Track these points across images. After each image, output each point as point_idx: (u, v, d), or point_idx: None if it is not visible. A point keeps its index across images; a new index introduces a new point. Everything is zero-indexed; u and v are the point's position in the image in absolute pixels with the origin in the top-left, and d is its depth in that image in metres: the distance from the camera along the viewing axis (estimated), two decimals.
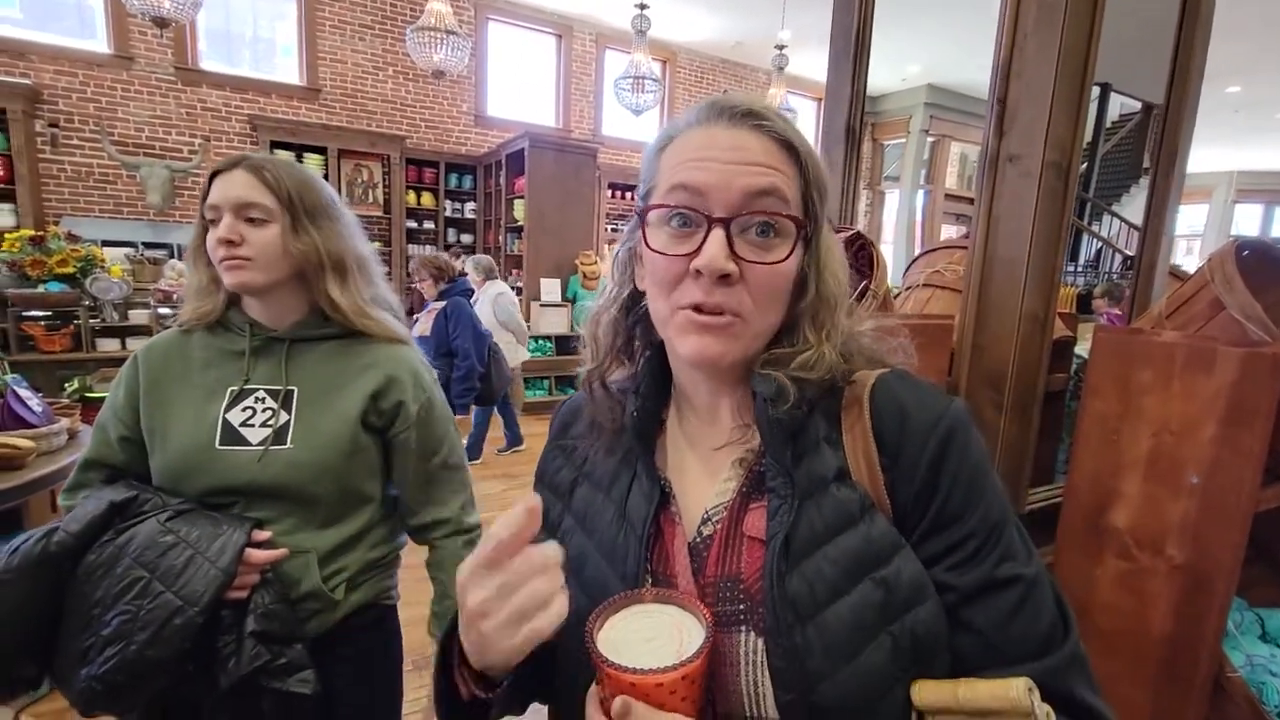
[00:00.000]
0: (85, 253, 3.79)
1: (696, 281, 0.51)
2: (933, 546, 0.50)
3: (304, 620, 0.96)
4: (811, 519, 0.50)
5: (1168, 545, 1.00)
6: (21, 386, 2.11)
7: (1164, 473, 1.01)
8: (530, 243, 6.16)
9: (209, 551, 0.86)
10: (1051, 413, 1.38)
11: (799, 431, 0.53)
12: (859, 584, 0.48)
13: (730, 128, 0.52)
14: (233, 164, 0.96)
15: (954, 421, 0.51)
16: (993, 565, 0.49)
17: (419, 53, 5.07)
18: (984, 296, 1.24)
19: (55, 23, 5.64)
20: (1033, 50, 1.17)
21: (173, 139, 6.03)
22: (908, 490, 0.51)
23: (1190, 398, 0.97)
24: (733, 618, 0.50)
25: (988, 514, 0.50)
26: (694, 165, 0.52)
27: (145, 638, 0.80)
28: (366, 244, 1.09)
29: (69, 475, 1.01)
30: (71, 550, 0.86)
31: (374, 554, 1.05)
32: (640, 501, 0.57)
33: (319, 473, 0.96)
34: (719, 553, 0.53)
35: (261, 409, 0.96)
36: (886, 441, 0.52)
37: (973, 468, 0.51)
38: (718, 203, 0.50)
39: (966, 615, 0.49)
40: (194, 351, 1.01)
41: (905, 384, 0.55)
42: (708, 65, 8.80)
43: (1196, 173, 10.72)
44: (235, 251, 0.93)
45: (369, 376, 1.01)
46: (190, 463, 0.94)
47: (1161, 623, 1.01)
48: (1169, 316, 1.17)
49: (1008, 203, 1.20)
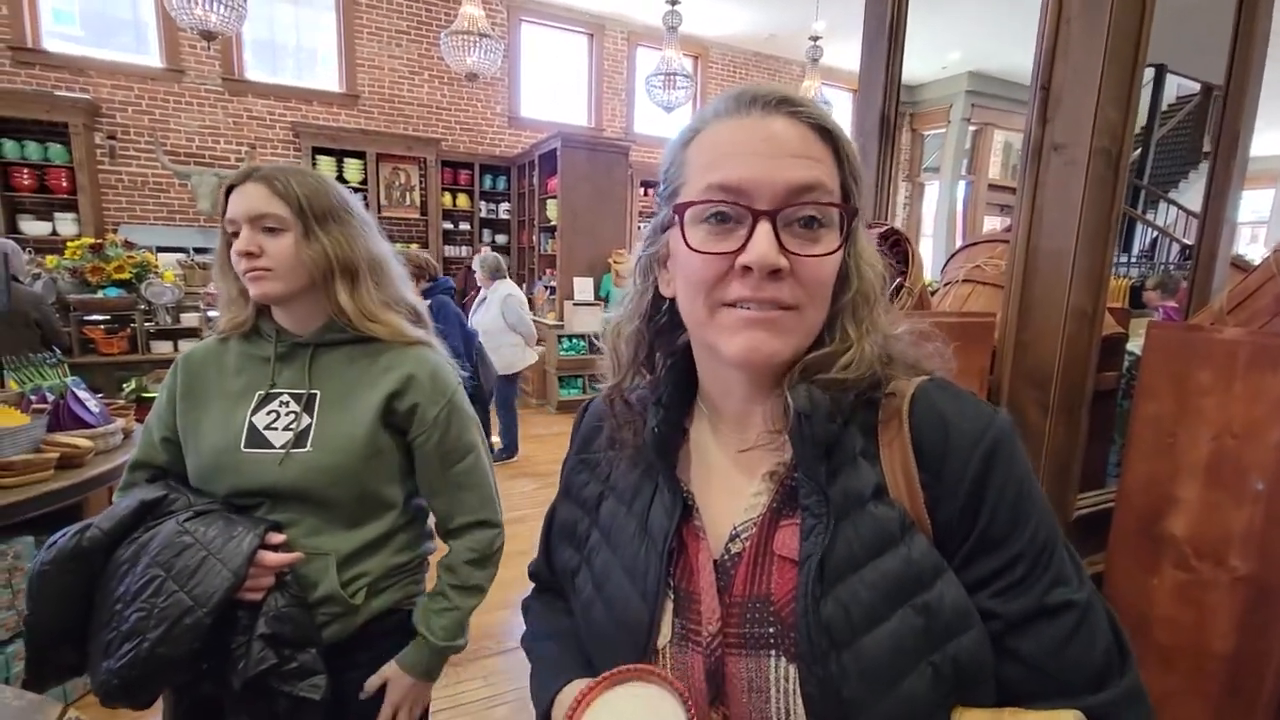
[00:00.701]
0: (140, 259, 3.97)
1: (743, 279, 0.48)
2: (977, 570, 0.48)
3: (322, 625, 0.96)
4: (848, 539, 0.47)
5: (1230, 555, 0.94)
6: (80, 388, 2.21)
7: (1226, 478, 0.95)
8: (563, 242, 6.19)
9: (221, 553, 0.87)
10: (1101, 413, 1.32)
11: (834, 445, 0.50)
12: (898, 609, 0.45)
13: (764, 117, 0.49)
14: (244, 177, 0.97)
15: (999, 435, 0.49)
16: (1043, 591, 0.46)
17: (453, 56, 5.14)
18: (1027, 292, 1.18)
19: (112, 39, 5.91)
20: (1079, 32, 1.11)
21: (221, 147, 6.27)
22: (950, 509, 0.48)
23: (1255, 399, 0.91)
24: (762, 641, 0.48)
25: (1036, 535, 0.47)
26: (731, 160, 0.49)
27: (157, 635, 0.82)
28: (382, 244, 1.08)
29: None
30: (102, 546, 0.89)
31: (398, 559, 1.05)
32: (661, 515, 0.55)
33: (337, 475, 0.96)
34: (748, 571, 0.51)
35: (285, 412, 0.98)
36: (927, 456, 0.49)
37: (1019, 485, 0.48)
38: (761, 197, 0.48)
39: (1014, 644, 0.46)
40: (228, 358, 1.04)
41: (946, 395, 0.52)
42: (740, 59, 8.70)
43: (1262, 156, 10.11)
44: (256, 263, 0.95)
45: (387, 379, 1.01)
46: (218, 464, 0.96)
47: (1223, 638, 0.95)
48: (1231, 311, 1.10)
49: (1052, 193, 1.15)
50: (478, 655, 2.36)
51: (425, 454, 1.04)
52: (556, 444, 5.02)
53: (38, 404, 2.04)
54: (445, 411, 1.04)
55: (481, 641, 2.46)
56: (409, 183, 6.94)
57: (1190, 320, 1.34)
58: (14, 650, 1.83)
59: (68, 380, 2.23)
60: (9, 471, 1.75)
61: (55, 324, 3.24)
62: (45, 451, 1.88)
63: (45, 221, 5.46)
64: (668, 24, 5.41)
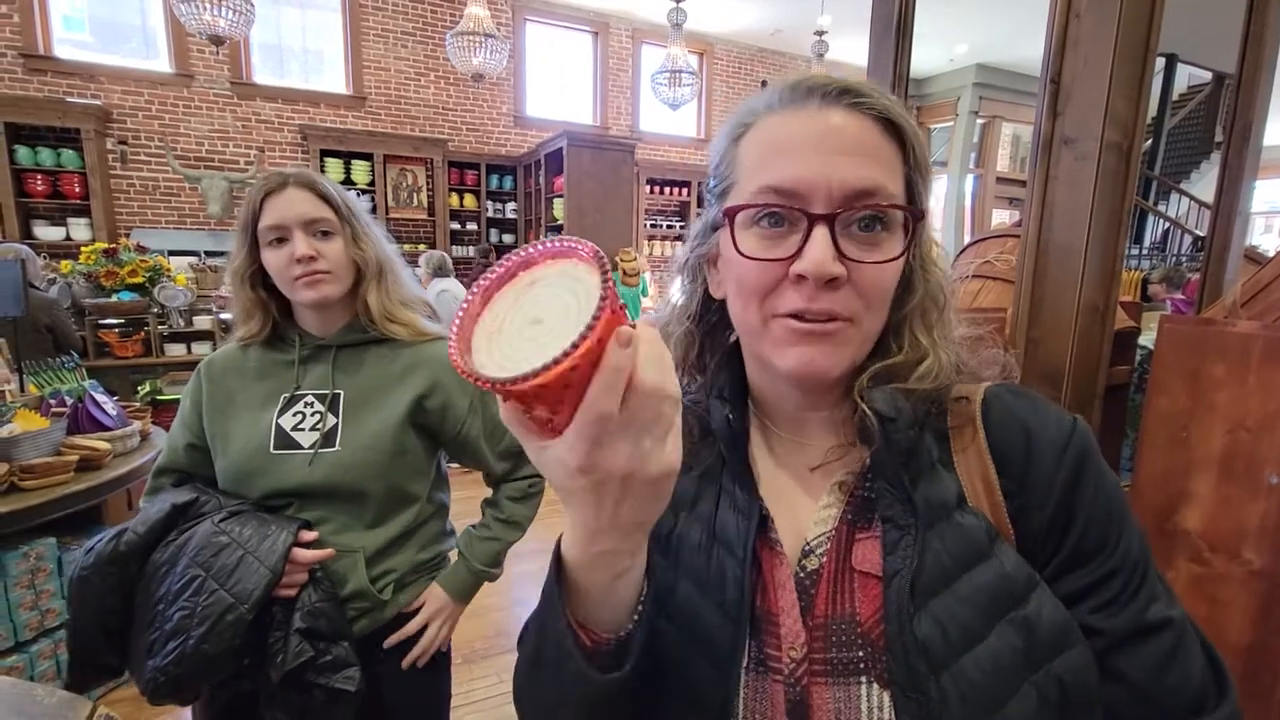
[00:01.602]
0: (153, 263, 4.02)
1: (797, 287, 0.45)
2: (1070, 584, 0.45)
3: (353, 619, 0.99)
4: (937, 552, 0.44)
5: (1244, 549, 0.94)
6: (98, 391, 2.24)
7: (1240, 472, 0.95)
8: None
9: (259, 551, 0.89)
10: (1113, 408, 1.31)
11: (912, 453, 0.47)
12: (996, 626, 0.42)
13: (822, 109, 0.45)
14: (282, 183, 0.97)
15: (1085, 443, 0.46)
16: (1141, 607, 0.44)
17: (459, 57, 5.15)
18: (1038, 287, 1.18)
19: (122, 45, 5.97)
20: (1089, 25, 1.11)
21: (230, 151, 6.31)
22: (1038, 519, 0.45)
23: (1269, 393, 0.91)
24: (850, 666, 0.44)
25: (1130, 549, 0.45)
26: (784, 159, 0.45)
27: (201, 633, 0.85)
28: (391, 244, 1.11)
29: (143, 473, 1.08)
30: (139, 549, 0.92)
31: (423, 555, 1.08)
32: (735, 520, 0.50)
33: (365, 472, 0.99)
34: (829, 590, 0.47)
35: (311, 413, 1.00)
36: (1009, 464, 0.46)
37: (1109, 496, 0.46)
38: (817, 199, 0.44)
39: (1116, 663, 0.44)
40: (250, 364, 1.06)
41: (1022, 399, 0.49)
42: (745, 55, 8.66)
43: (1275, 145, 9.99)
44: (315, 266, 0.96)
45: (415, 378, 1.03)
46: (249, 467, 0.99)
47: (1238, 632, 0.95)
48: (1245, 304, 1.09)
49: (1063, 187, 1.14)
50: (490, 652, 2.38)
51: (470, 441, 1.08)
52: None
53: (57, 407, 2.07)
54: (476, 396, 1.07)
55: (495, 639, 2.48)
56: (416, 183, 6.96)
57: (1203, 313, 1.33)
58: (37, 650, 1.87)
59: (85, 384, 2.26)
60: (30, 474, 1.78)
61: (68, 328, 3.29)
62: (65, 454, 1.91)
63: (59, 227, 5.52)
64: (673, 21, 5.40)
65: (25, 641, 1.85)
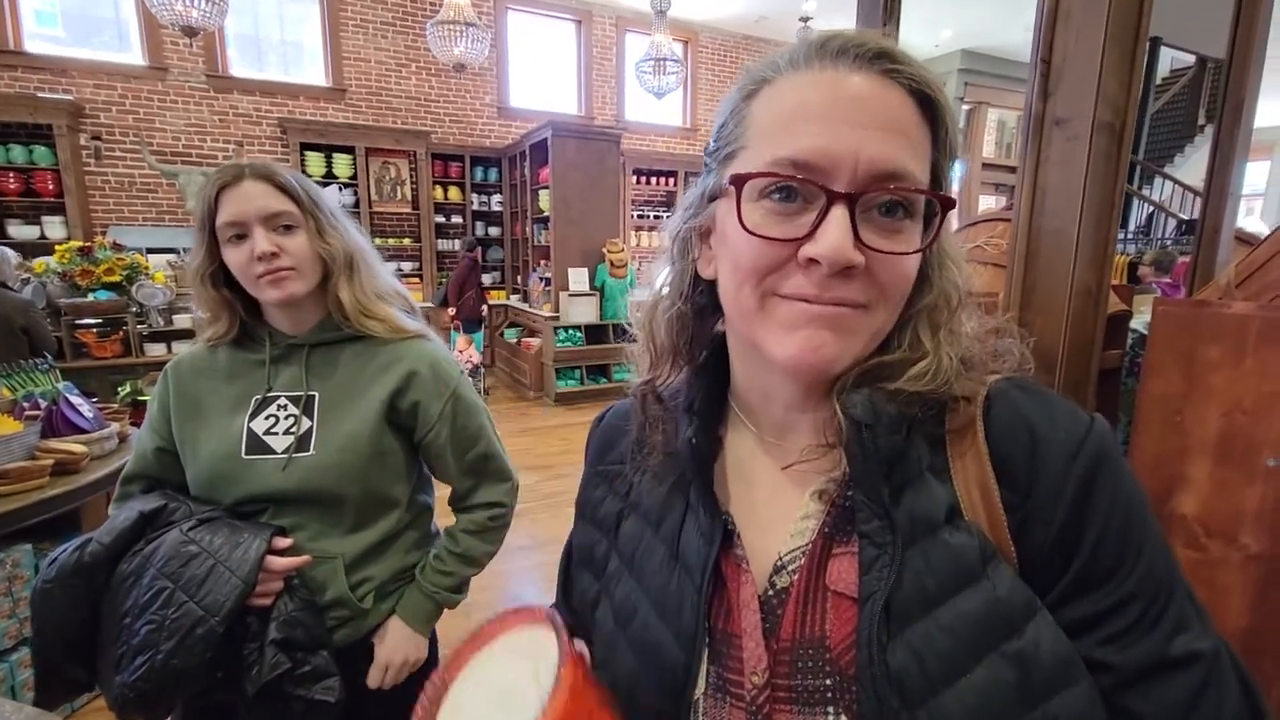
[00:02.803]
0: (130, 261, 3.93)
1: (807, 272, 0.40)
2: (1078, 610, 0.39)
3: (333, 628, 0.95)
4: (918, 573, 0.40)
5: (1241, 533, 0.93)
6: (73, 393, 2.19)
7: (1237, 456, 0.94)
8: (556, 233, 6.15)
9: (230, 560, 0.86)
10: (1106, 392, 1.30)
11: (897, 459, 0.42)
12: (984, 659, 0.38)
13: (853, 73, 0.39)
14: (238, 175, 0.91)
15: (1101, 447, 0.40)
16: (1164, 638, 0.38)
17: (440, 47, 5.08)
18: (1030, 271, 1.16)
19: (94, 38, 5.82)
20: (1080, 3, 1.08)
21: (208, 145, 6.19)
22: (1042, 535, 0.40)
23: (1266, 374, 0.90)
24: (816, 695, 0.41)
25: (1152, 569, 0.39)
26: (807, 126, 0.39)
27: (170, 647, 0.81)
28: (363, 235, 1.05)
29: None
30: (104, 560, 0.87)
31: (405, 561, 1.04)
32: (697, 542, 0.47)
33: (341, 476, 0.95)
34: (797, 610, 0.43)
35: (284, 416, 0.96)
36: (1011, 472, 0.41)
37: (1127, 507, 0.40)
38: (840, 176, 0.39)
39: (1128, 702, 0.39)
40: (220, 364, 1.01)
41: (1030, 396, 0.43)
42: (730, 43, 8.61)
43: (1257, 128, 10.07)
44: (278, 264, 0.90)
45: (388, 376, 0.99)
46: (219, 472, 0.95)
47: (1236, 617, 0.94)
48: (1239, 285, 1.08)
49: (1055, 169, 1.13)
50: None
51: (436, 448, 1.03)
52: (555, 436, 5.02)
53: (30, 411, 2.02)
54: (449, 404, 1.02)
55: None
56: (399, 177, 6.87)
57: (1196, 295, 1.33)
58: (17, 659, 1.82)
59: (60, 386, 2.20)
60: (4, 479, 1.73)
61: (44, 330, 3.21)
62: (40, 458, 1.86)
63: (33, 225, 5.41)
64: (656, 8, 5.35)
65: (4, 650, 1.81)
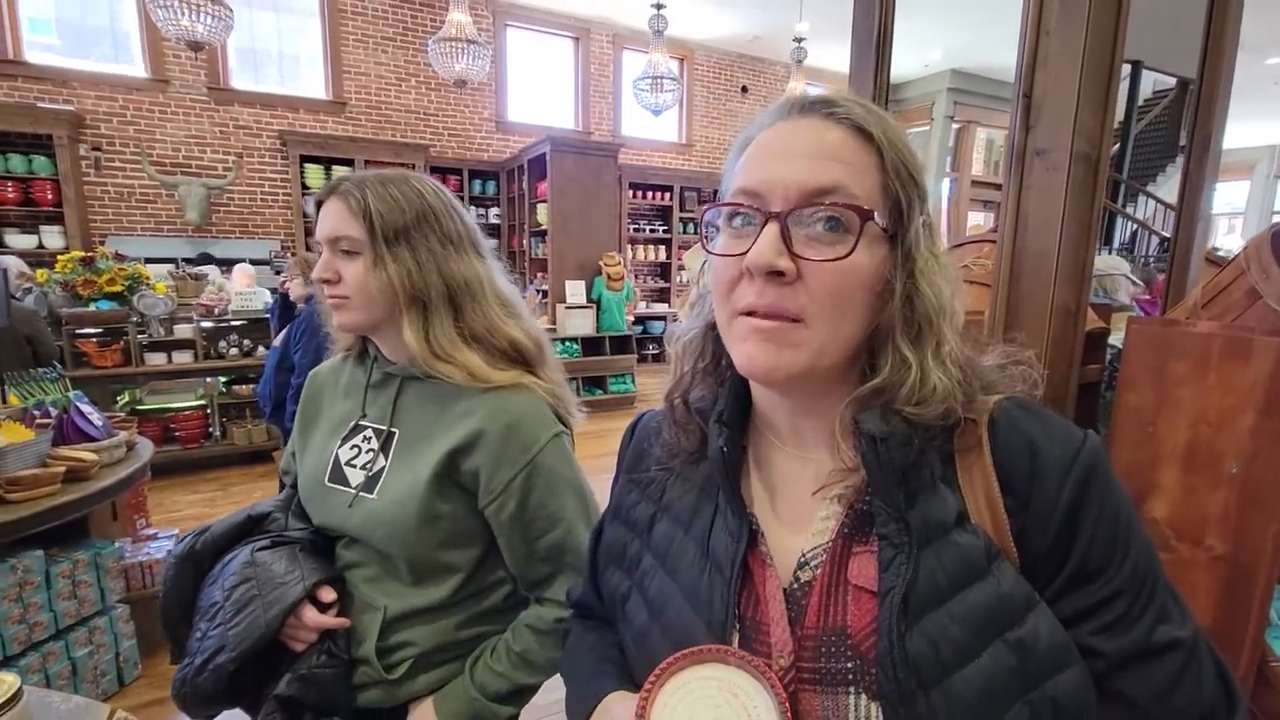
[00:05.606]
0: (131, 271, 3.96)
1: (750, 283, 0.46)
2: (1072, 604, 0.45)
3: (362, 686, 0.85)
4: (932, 570, 0.44)
5: (1207, 536, 1.00)
6: (83, 402, 2.22)
7: (1202, 464, 1.01)
8: (554, 246, 6.22)
9: (268, 598, 0.81)
10: (1086, 405, 1.38)
11: (911, 470, 0.47)
12: (989, 645, 0.43)
13: (798, 118, 0.48)
14: (330, 190, 0.87)
15: (1093, 459, 0.46)
16: (1148, 628, 0.44)
17: (441, 63, 5.16)
18: (1014, 291, 1.24)
19: (93, 49, 5.86)
20: (1058, 42, 1.17)
21: (208, 157, 6.24)
22: (1041, 539, 0.45)
23: (1227, 389, 0.97)
24: (839, 676, 0.45)
25: (1137, 566, 0.45)
26: (755, 163, 0.48)
27: (195, 666, 0.81)
28: (474, 265, 0.91)
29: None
30: (211, 552, 0.90)
31: (457, 635, 0.90)
32: (725, 540, 0.52)
33: (391, 532, 0.86)
34: (821, 602, 0.48)
35: (366, 449, 0.91)
36: (1014, 482, 0.46)
37: (1115, 513, 0.45)
38: (774, 198, 0.46)
39: (1117, 685, 0.44)
40: (342, 379, 0.99)
41: (1030, 415, 0.48)
42: (725, 61, 8.77)
43: (1236, 148, 10.32)
44: (333, 290, 0.86)
45: (456, 430, 0.86)
46: (308, 493, 0.94)
47: (1202, 614, 1.01)
48: (1205, 306, 1.16)
49: (1036, 196, 1.20)
50: None
51: (499, 523, 0.87)
52: None
53: (41, 419, 2.05)
54: (524, 475, 0.85)
55: None
56: None
57: (1168, 314, 1.41)
58: (27, 664, 1.85)
59: (70, 394, 2.24)
60: (17, 486, 1.76)
61: (47, 339, 3.23)
62: (52, 466, 1.89)
63: (31, 235, 5.42)
64: (654, 28, 5.46)
65: (13, 656, 1.83)
